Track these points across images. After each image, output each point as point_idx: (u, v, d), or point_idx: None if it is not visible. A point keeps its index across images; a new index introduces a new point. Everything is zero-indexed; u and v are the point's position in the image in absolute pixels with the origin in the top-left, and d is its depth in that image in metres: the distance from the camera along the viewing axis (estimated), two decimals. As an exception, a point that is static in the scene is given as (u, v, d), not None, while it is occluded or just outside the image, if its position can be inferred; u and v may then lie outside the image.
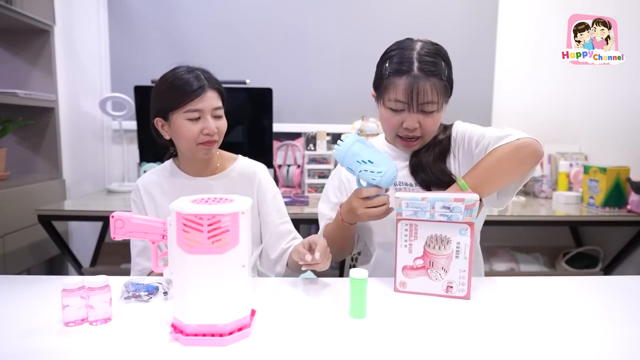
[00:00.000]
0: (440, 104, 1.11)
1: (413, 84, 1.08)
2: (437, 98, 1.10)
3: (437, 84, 1.09)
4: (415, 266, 1.01)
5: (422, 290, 1.01)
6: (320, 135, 2.52)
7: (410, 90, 1.08)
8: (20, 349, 0.74)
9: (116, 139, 2.71)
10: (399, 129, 1.14)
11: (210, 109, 1.14)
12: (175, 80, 1.14)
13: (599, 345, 0.78)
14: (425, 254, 1.00)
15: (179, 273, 0.77)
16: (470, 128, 1.21)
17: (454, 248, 0.99)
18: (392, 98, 1.11)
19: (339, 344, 0.77)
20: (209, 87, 1.14)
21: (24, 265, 2.25)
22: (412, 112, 1.11)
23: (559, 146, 2.72)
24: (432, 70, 1.09)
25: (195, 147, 1.16)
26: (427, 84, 1.08)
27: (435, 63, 1.10)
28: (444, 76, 1.10)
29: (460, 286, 0.99)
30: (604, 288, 1.08)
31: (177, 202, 0.77)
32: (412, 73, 1.08)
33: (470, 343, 0.78)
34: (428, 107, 1.10)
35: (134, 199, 1.27)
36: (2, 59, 2.44)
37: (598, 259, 2.62)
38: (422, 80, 1.08)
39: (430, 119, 1.12)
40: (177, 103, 1.12)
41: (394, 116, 1.13)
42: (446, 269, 0.99)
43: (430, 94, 1.08)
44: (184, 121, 1.13)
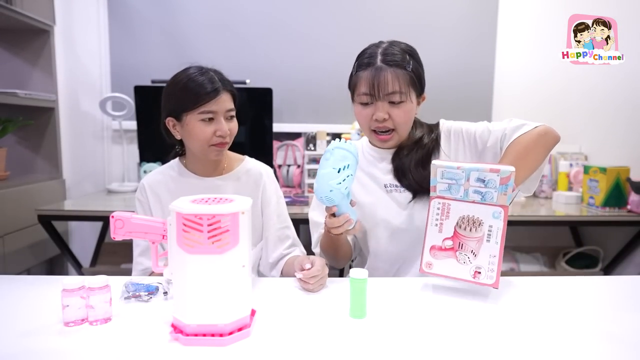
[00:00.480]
0: (406, 94, 1.13)
1: (375, 75, 1.12)
2: (401, 88, 1.12)
3: (400, 74, 1.12)
4: (444, 247, 0.98)
5: (449, 274, 0.98)
6: (320, 135, 2.52)
7: (373, 80, 1.12)
8: (20, 349, 0.74)
9: (116, 139, 2.71)
10: (371, 123, 1.17)
11: (223, 110, 1.16)
12: (190, 81, 1.14)
13: (599, 346, 0.78)
14: (456, 234, 0.97)
15: (179, 273, 0.77)
16: (465, 125, 1.23)
17: (485, 231, 0.94)
18: (359, 92, 1.16)
19: (339, 344, 0.77)
20: (223, 90, 1.15)
21: (24, 265, 2.26)
22: (378, 103, 1.13)
23: (559, 146, 2.69)
24: (395, 61, 1.12)
25: (208, 149, 1.17)
26: (389, 74, 1.11)
27: (399, 56, 1.13)
28: (408, 67, 1.13)
29: (489, 272, 0.94)
30: (604, 288, 1.08)
31: (177, 202, 0.77)
32: (375, 65, 1.13)
33: (470, 343, 0.78)
34: (393, 97, 1.12)
35: (139, 198, 1.27)
36: (2, 59, 2.44)
37: (598, 259, 2.62)
38: (384, 70, 1.12)
39: (399, 110, 1.14)
40: (191, 104, 1.13)
41: (364, 110, 1.17)
42: (475, 253, 0.95)
43: (392, 83, 1.11)
44: (198, 122, 1.14)
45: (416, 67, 1.16)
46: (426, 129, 1.26)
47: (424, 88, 1.20)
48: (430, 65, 2.72)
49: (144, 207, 1.26)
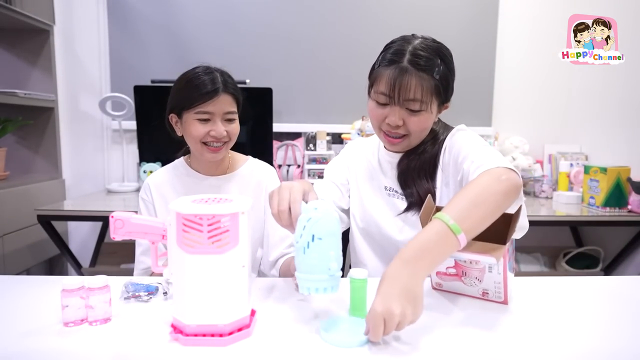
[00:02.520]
0: (427, 103, 1.02)
1: (397, 77, 1.00)
2: (423, 96, 1.01)
3: (425, 80, 1.00)
4: (449, 273, 0.96)
5: (459, 291, 0.98)
6: (320, 135, 2.52)
7: (394, 82, 1.00)
8: (20, 349, 0.74)
9: (116, 139, 2.71)
10: (383, 124, 1.07)
11: (221, 112, 1.16)
12: (193, 79, 1.15)
13: (599, 346, 0.77)
14: (457, 265, 0.94)
15: (178, 273, 0.76)
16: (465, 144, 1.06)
17: (486, 264, 0.92)
18: (377, 90, 1.05)
19: (339, 347, 0.77)
20: (223, 91, 1.15)
21: (23, 265, 2.25)
22: (394, 107, 1.03)
23: (559, 146, 2.72)
24: (422, 65, 1.00)
25: (201, 148, 1.18)
26: (413, 79, 1.00)
27: (429, 59, 1.01)
28: (436, 74, 1.01)
29: (496, 293, 0.94)
30: (605, 288, 1.08)
31: (177, 202, 0.77)
32: (400, 65, 1.01)
33: (470, 342, 0.78)
34: (412, 105, 1.02)
35: (143, 197, 1.27)
36: (2, 59, 2.44)
37: (598, 259, 2.62)
38: (410, 73, 1.00)
39: (416, 118, 1.04)
40: (189, 103, 1.14)
41: (378, 109, 1.06)
42: (480, 279, 0.93)
43: (415, 89, 1.00)
44: (194, 121, 1.15)
45: (445, 74, 1.04)
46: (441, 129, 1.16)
47: (450, 96, 1.09)
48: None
49: (148, 207, 1.26)
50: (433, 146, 1.14)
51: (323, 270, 0.78)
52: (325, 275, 0.78)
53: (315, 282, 0.78)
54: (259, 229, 1.28)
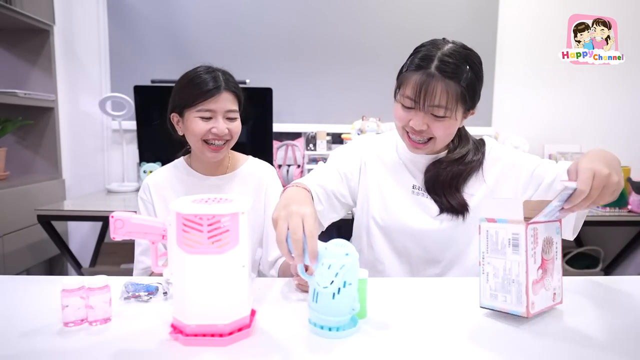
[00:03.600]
0: (452, 110, 1.04)
1: (424, 82, 1.02)
2: (448, 103, 1.02)
3: (451, 87, 1.02)
4: (538, 277, 0.86)
5: (544, 306, 0.87)
6: (320, 135, 2.52)
7: (420, 88, 1.02)
8: (20, 349, 0.74)
9: (116, 139, 2.71)
10: (407, 126, 1.09)
11: (223, 110, 1.16)
12: (194, 78, 1.16)
13: (599, 346, 0.77)
14: (542, 261, 0.88)
15: (178, 273, 0.76)
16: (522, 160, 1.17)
17: (554, 250, 0.88)
18: (404, 93, 1.06)
19: (339, 344, 0.77)
20: (224, 89, 1.16)
21: (23, 265, 2.25)
22: (419, 112, 1.05)
23: (559, 146, 2.73)
24: (449, 72, 1.02)
25: (202, 146, 1.18)
26: (439, 85, 1.01)
27: (457, 66, 1.03)
28: (463, 81, 1.03)
29: (559, 290, 0.90)
30: (605, 288, 1.08)
31: (177, 202, 0.77)
32: (428, 70, 1.02)
33: (470, 342, 0.78)
34: (437, 111, 1.03)
35: (143, 197, 1.27)
36: (2, 59, 2.44)
37: (599, 259, 2.62)
38: (436, 79, 1.01)
39: (441, 124, 1.05)
40: (191, 101, 1.15)
41: (403, 112, 1.08)
42: (552, 275, 0.89)
43: (440, 96, 1.02)
44: (195, 118, 1.16)
45: (472, 81, 1.05)
46: (472, 146, 1.19)
47: (476, 103, 1.10)
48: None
49: (147, 207, 1.26)
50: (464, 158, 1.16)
51: (348, 311, 0.80)
52: (349, 315, 0.81)
53: (340, 323, 0.79)
54: (258, 229, 1.28)
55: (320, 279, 0.77)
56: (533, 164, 1.17)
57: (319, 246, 0.80)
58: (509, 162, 1.19)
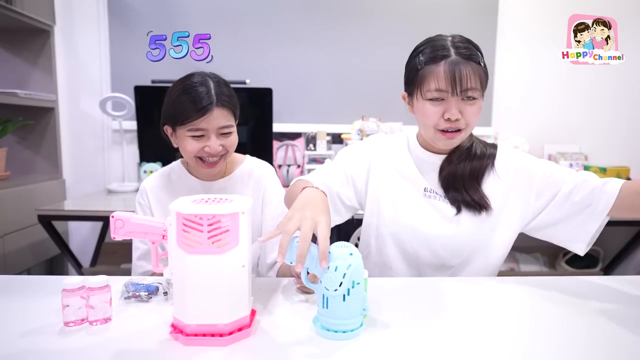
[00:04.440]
0: (481, 91, 1.06)
1: (454, 68, 1.02)
2: (478, 84, 1.04)
3: (476, 68, 1.04)
4: None
5: None
6: (320, 135, 2.52)
7: (452, 74, 1.02)
8: (20, 349, 0.74)
9: (116, 139, 2.71)
10: (440, 121, 1.06)
11: (215, 128, 1.12)
12: (186, 90, 1.10)
13: (599, 346, 0.78)
14: None
15: (179, 273, 0.77)
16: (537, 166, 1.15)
17: None
18: (431, 88, 1.04)
19: (339, 344, 0.77)
20: (217, 105, 1.10)
21: (24, 265, 2.26)
22: (454, 98, 1.04)
23: (559, 146, 2.73)
24: (471, 55, 1.04)
25: (196, 162, 1.16)
26: (468, 67, 1.03)
27: (471, 49, 1.06)
28: (482, 62, 1.06)
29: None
30: (604, 288, 1.08)
31: (177, 202, 0.77)
32: (451, 58, 1.03)
33: (471, 343, 0.78)
34: (471, 92, 1.04)
35: (140, 201, 1.26)
36: (2, 59, 2.44)
37: (598, 259, 2.62)
38: (462, 64, 1.02)
39: (473, 107, 1.05)
40: (182, 119, 1.10)
41: (435, 107, 1.05)
42: None
43: (472, 78, 1.03)
44: (187, 137, 1.13)
45: (485, 64, 1.08)
46: (476, 140, 1.19)
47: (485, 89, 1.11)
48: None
49: (145, 211, 1.26)
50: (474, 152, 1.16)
51: (359, 312, 0.80)
52: (361, 316, 0.81)
53: (352, 325, 0.79)
54: (257, 228, 1.28)
55: (328, 283, 0.77)
56: (550, 170, 1.14)
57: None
58: (523, 166, 1.17)
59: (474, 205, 1.13)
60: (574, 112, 2.75)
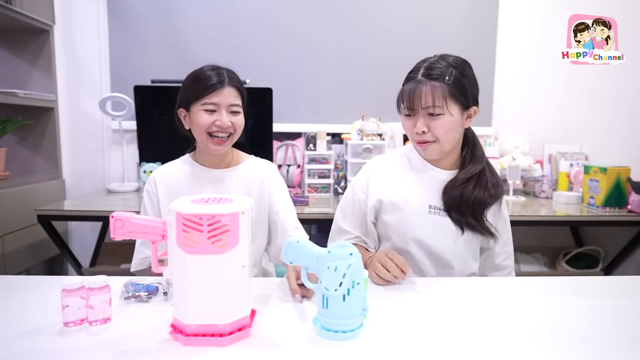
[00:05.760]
0: (442, 107, 1.12)
1: (414, 89, 1.14)
2: (435, 101, 1.12)
3: (438, 87, 1.12)
4: None
5: None
6: (320, 135, 2.52)
7: (411, 94, 1.14)
8: (20, 349, 0.74)
9: (116, 139, 2.71)
10: (413, 134, 1.19)
11: (226, 104, 1.22)
12: (199, 75, 1.23)
13: (599, 346, 0.77)
14: None
15: (178, 273, 0.77)
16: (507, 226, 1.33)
17: None
18: (402, 105, 1.19)
19: (339, 344, 0.77)
20: (228, 84, 1.22)
21: (23, 265, 2.25)
22: (417, 116, 1.15)
23: (559, 146, 2.72)
24: (434, 75, 1.13)
25: (207, 138, 1.23)
26: (426, 87, 1.13)
27: (440, 68, 1.14)
28: (448, 80, 1.13)
29: None
30: (605, 288, 1.08)
31: (177, 202, 0.77)
32: (416, 79, 1.15)
33: (471, 343, 0.78)
34: (433, 109, 1.13)
35: (148, 189, 1.32)
36: (2, 59, 2.44)
37: (598, 259, 2.62)
38: (422, 84, 1.13)
39: (437, 121, 1.14)
40: (196, 95, 1.21)
41: (407, 121, 1.19)
42: None
43: (426, 97, 1.12)
44: (200, 111, 1.21)
45: (459, 79, 1.14)
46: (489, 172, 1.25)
47: (471, 101, 1.18)
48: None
49: (152, 199, 1.30)
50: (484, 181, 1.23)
51: (359, 312, 0.80)
52: (362, 316, 0.81)
53: (352, 325, 0.79)
54: (261, 222, 1.31)
55: (328, 283, 0.77)
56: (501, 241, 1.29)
57: (322, 251, 0.80)
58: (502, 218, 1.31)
59: (478, 232, 1.22)
60: (574, 112, 2.75)
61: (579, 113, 2.74)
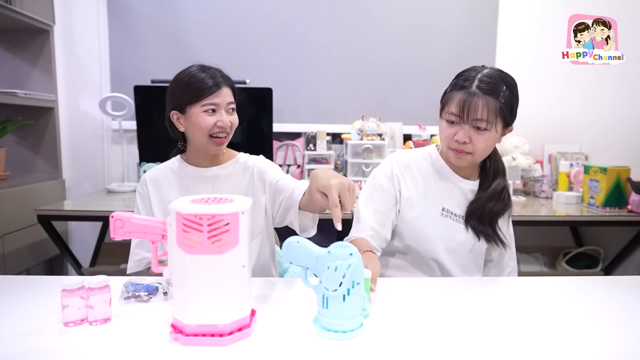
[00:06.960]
0: (492, 123, 1.14)
1: (467, 99, 1.14)
2: (488, 117, 1.13)
3: (491, 102, 1.13)
4: None
5: None
6: (320, 135, 2.52)
7: (463, 104, 1.14)
8: (20, 349, 0.74)
9: (116, 139, 2.71)
10: (451, 141, 1.18)
11: (225, 103, 1.23)
12: (192, 77, 1.22)
13: (600, 346, 0.77)
14: None
15: (178, 273, 0.77)
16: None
17: None
18: (448, 110, 1.18)
19: (339, 344, 0.77)
20: (224, 84, 1.23)
21: (23, 265, 2.25)
22: (463, 125, 1.15)
23: (559, 146, 2.72)
24: (489, 90, 1.13)
25: (208, 140, 1.22)
26: (480, 101, 1.13)
27: (495, 84, 1.14)
28: (501, 98, 1.14)
29: None
30: (605, 288, 1.08)
31: (177, 202, 0.77)
32: (469, 89, 1.14)
33: (472, 343, 0.78)
34: (479, 123, 1.14)
35: (140, 191, 1.32)
36: (2, 59, 2.44)
37: (598, 259, 2.62)
38: (476, 96, 1.13)
39: (482, 136, 1.15)
40: (195, 97, 1.20)
41: (448, 128, 1.18)
42: None
43: (481, 110, 1.13)
44: (201, 113, 1.21)
45: (509, 99, 1.16)
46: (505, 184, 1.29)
47: (513, 120, 1.21)
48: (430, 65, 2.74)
49: (144, 200, 1.30)
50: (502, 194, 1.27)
51: (359, 311, 0.80)
52: (361, 316, 0.81)
53: (352, 325, 0.79)
54: (257, 219, 1.29)
55: (328, 283, 0.77)
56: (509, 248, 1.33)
57: (322, 251, 0.80)
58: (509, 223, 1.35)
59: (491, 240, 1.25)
60: (574, 112, 2.75)
61: (579, 113, 2.74)
